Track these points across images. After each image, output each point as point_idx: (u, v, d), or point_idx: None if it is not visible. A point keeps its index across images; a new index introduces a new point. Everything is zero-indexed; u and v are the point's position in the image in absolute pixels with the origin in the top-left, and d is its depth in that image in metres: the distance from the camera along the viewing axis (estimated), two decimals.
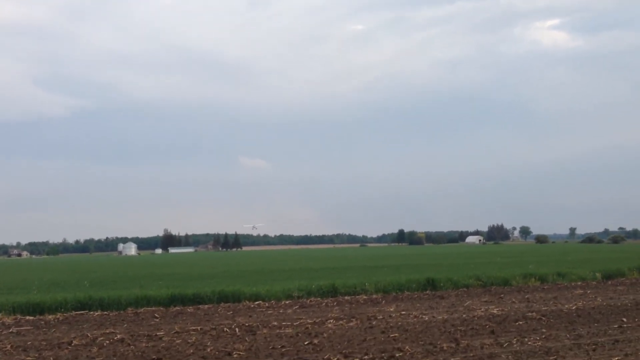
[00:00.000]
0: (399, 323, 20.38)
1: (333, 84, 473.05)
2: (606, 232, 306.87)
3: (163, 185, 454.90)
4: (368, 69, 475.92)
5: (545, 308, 23.66)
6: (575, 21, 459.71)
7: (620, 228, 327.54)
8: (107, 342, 17.61)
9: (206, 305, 26.77)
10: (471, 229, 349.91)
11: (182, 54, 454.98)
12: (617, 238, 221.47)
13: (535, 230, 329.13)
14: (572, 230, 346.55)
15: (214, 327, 20.20)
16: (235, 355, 15.42)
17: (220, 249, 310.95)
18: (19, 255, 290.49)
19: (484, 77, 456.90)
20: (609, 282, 35.57)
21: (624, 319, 20.34)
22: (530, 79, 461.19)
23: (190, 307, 26.40)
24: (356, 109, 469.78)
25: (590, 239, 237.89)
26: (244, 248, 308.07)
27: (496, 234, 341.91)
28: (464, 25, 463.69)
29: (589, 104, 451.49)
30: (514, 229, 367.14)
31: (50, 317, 23.84)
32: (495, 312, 22.78)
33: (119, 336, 18.48)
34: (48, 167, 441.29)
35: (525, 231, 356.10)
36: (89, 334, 19.01)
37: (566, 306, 24.08)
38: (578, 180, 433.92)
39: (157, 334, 18.92)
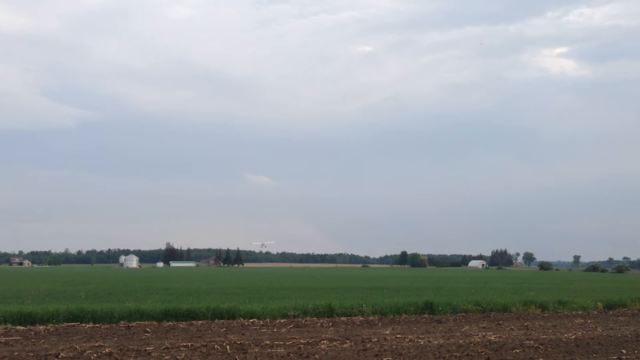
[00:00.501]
0: (394, 346, 19.98)
1: (339, 103, 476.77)
2: (610, 261, 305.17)
3: (167, 199, 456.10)
4: (374, 90, 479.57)
5: (544, 336, 23.21)
6: (583, 50, 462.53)
7: (625, 258, 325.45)
8: (95, 355, 17.30)
9: (200, 322, 26.39)
10: (474, 253, 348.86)
11: (189, 69, 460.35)
12: (621, 267, 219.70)
13: (539, 257, 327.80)
14: (577, 258, 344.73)
15: (205, 344, 19.85)
16: None
17: (221, 264, 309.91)
18: (21, 263, 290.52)
19: (490, 101, 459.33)
20: (610, 312, 34.98)
21: (623, 351, 19.90)
22: (537, 105, 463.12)
23: (184, 322, 26.04)
24: (362, 129, 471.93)
25: (594, 267, 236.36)
26: (246, 264, 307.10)
27: (499, 259, 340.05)
28: (471, 50, 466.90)
29: (595, 132, 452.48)
30: (518, 254, 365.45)
31: (41, 327, 23.51)
32: (492, 338, 22.34)
33: (107, 350, 18.16)
34: (53, 177, 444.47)
35: (528, 257, 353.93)
36: (77, 347, 18.70)
37: (565, 335, 23.62)
38: (583, 208, 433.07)
39: (147, 349, 18.59)
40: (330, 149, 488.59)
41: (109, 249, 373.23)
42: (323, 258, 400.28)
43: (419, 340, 21.53)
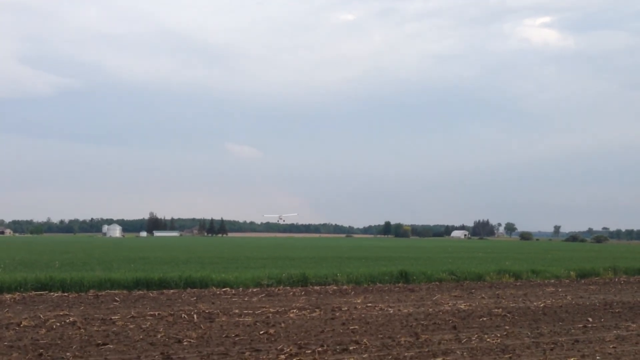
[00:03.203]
0: (362, 315, 20.01)
1: (321, 73, 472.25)
2: (590, 231, 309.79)
3: (150, 169, 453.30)
4: (357, 59, 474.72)
5: (513, 305, 23.41)
6: (566, 20, 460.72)
7: (604, 228, 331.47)
8: (58, 324, 17.06)
9: (171, 291, 26.25)
10: (457, 224, 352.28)
11: (170, 37, 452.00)
12: (600, 238, 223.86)
13: (521, 227, 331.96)
14: (557, 228, 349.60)
15: (172, 312, 19.71)
16: (185, 343, 14.93)
17: (205, 234, 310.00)
18: (2, 232, 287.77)
19: (473, 72, 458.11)
20: (582, 281, 35.45)
21: (590, 319, 20.09)
22: (519, 76, 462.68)
23: (155, 291, 25.87)
24: (344, 99, 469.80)
25: (574, 237, 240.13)
26: (230, 234, 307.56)
27: (481, 229, 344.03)
28: (454, 19, 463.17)
29: (577, 103, 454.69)
30: (499, 225, 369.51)
31: (7, 296, 23.24)
32: (462, 307, 22.48)
33: (71, 319, 17.95)
34: (34, 145, 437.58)
35: (510, 228, 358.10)
36: (41, 315, 18.46)
37: (534, 304, 23.84)
38: (564, 178, 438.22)
39: (112, 317, 18.40)
40: (314, 119, 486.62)
41: (92, 219, 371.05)
42: (307, 228, 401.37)
43: (389, 309, 21.59)
